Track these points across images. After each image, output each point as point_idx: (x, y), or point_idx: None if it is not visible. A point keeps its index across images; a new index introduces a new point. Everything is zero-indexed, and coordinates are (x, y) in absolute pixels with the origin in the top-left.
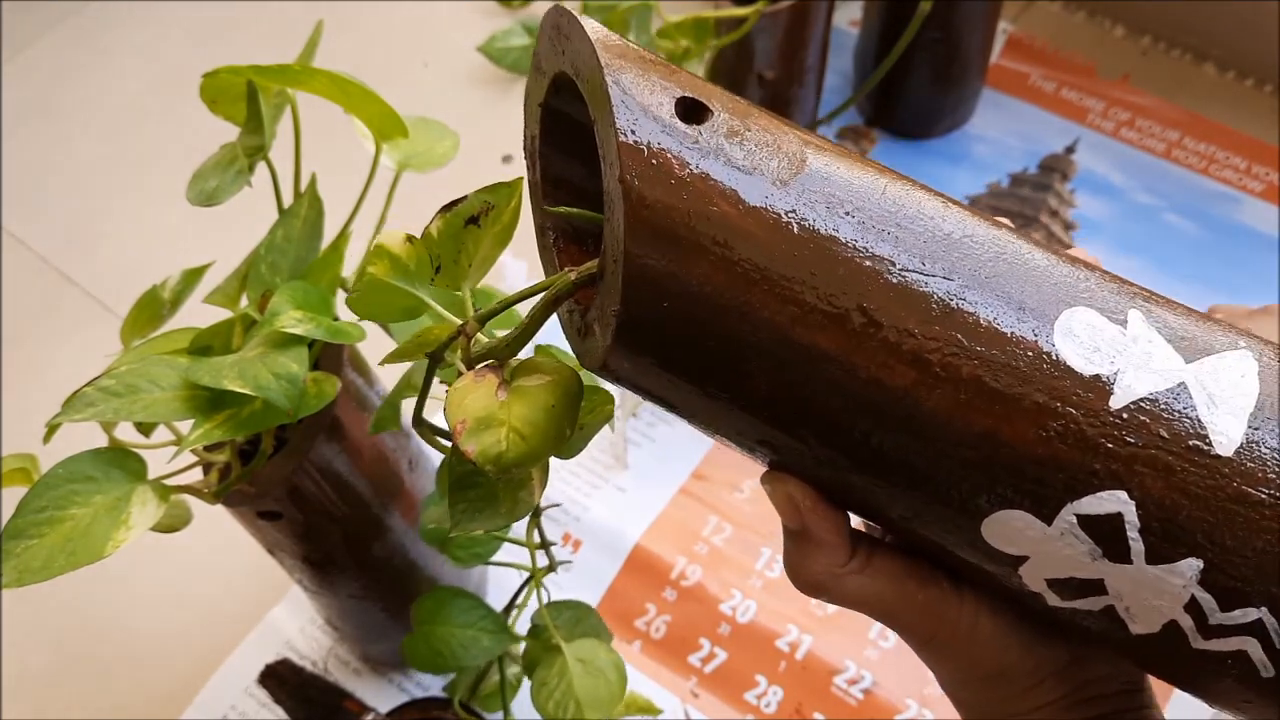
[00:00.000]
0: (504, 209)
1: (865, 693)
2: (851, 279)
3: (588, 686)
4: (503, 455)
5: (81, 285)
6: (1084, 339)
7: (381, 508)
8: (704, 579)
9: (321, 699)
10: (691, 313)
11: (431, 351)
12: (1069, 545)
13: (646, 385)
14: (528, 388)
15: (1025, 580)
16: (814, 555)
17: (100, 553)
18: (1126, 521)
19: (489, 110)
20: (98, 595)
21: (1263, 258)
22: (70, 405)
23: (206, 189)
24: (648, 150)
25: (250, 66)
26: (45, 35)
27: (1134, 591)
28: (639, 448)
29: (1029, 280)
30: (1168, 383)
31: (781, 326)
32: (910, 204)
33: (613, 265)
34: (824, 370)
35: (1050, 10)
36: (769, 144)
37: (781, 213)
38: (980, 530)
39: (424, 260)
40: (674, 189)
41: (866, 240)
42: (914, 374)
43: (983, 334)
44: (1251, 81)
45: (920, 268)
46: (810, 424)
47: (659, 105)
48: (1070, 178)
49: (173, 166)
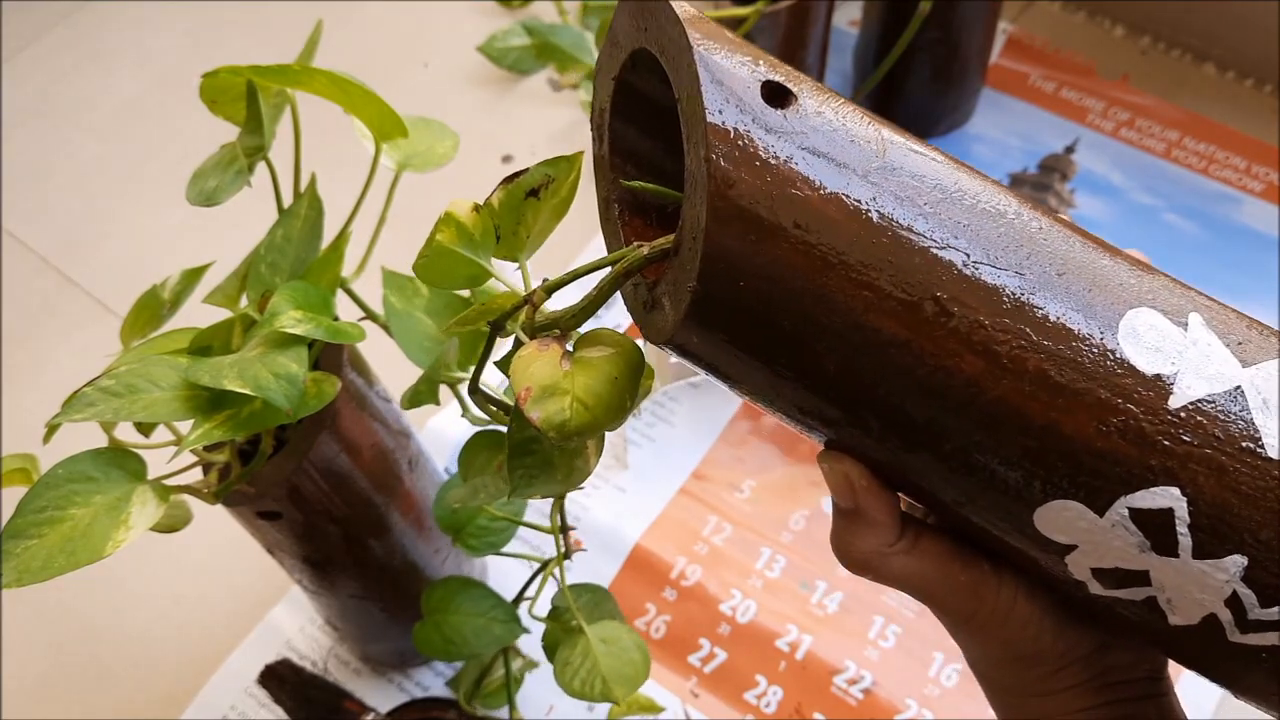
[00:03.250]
0: (563, 182)
1: (865, 692)
2: (926, 269)
3: (613, 664)
4: (566, 423)
5: (81, 285)
6: (1146, 339)
7: (381, 507)
8: (704, 579)
9: (321, 699)
10: (767, 293)
11: (494, 320)
12: (1119, 537)
13: (712, 359)
14: (591, 359)
15: (1071, 568)
16: (864, 534)
17: (100, 553)
18: (1177, 517)
19: (489, 110)
20: (98, 595)
21: (1262, 258)
22: (70, 405)
23: (206, 189)
24: (734, 132)
25: (250, 66)
26: (45, 35)
27: (1178, 584)
28: (639, 448)
29: (1095, 280)
30: (1225, 385)
31: (855, 311)
32: (985, 199)
33: (691, 242)
34: (894, 355)
35: (1050, 10)
36: (850, 132)
37: (861, 200)
38: (1032, 518)
39: (489, 230)
40: (758, 171)
41: (942, 232)
42: (982, 364)
43: (1050, 329)
44: (1251, 81)
45: (993, 261)
46: (875, 407)
47: (746, 88)
48: (1070, 178)
49: (172, 166)
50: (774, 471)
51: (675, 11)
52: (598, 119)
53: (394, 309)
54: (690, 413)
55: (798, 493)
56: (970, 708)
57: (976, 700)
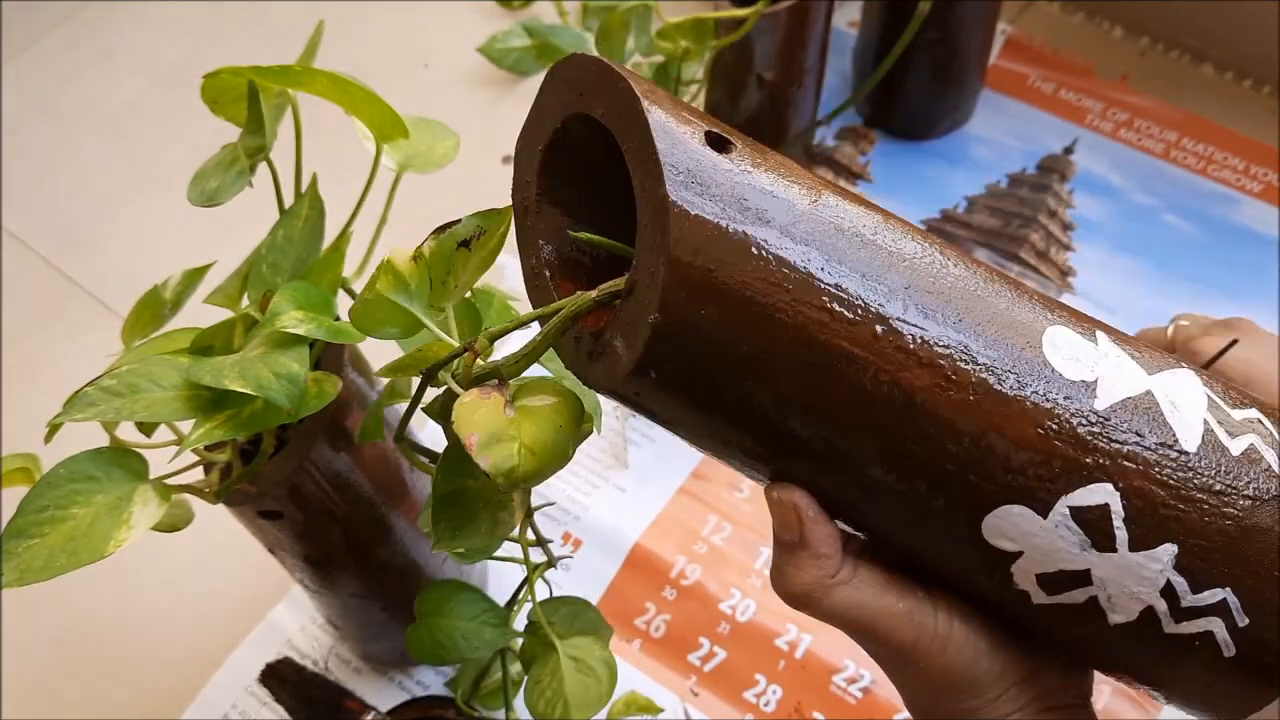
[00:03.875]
0: (493, 234)
1: (864, 691)
2: (873, 291)
3: (577, 686)
4: (515, 469)
5: (82, 285)
6: (1066, 350)
7: (382, 507)
8: (703, 578)
9: (322, 698)
10: (727, 318)
11: (427, 368)
12: (1061, 537)
13: (663, 399)
14: (535, 408)
15: (1016, 578)
16: (807, 566)
17: (101, 552)
18: (1113, 511)
19: (489, 111)
20: (99, 595)
21: (1261, 258)
22: (72, 405)
23: (208, 189)
24: (686, 171)
25: (251, 67)
26: (46, 36)
27: (1116, 579)
28: (639, 448)
29: (1016, 302)
30: (1138, 389)
31: (809, 331)
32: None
33: (649, 276)
34: (848, 372)
35: (1049, 11)
36: (788, 176)
37: (808, 230)
38: (981, 527)
39: (424, 279)
40: (711, 205)
41: (885, 258)
42: (929, 377)
43: (988, 343)
44: (1250, 82)
45: (932, 285)
46: (833, 425)
47: (691, 135)
48: (1069, 178)
49: (174, 167)
50: None
51: (618, 70)
52: (522, 192)
53: None
54: None
55: None
56: None
57: None
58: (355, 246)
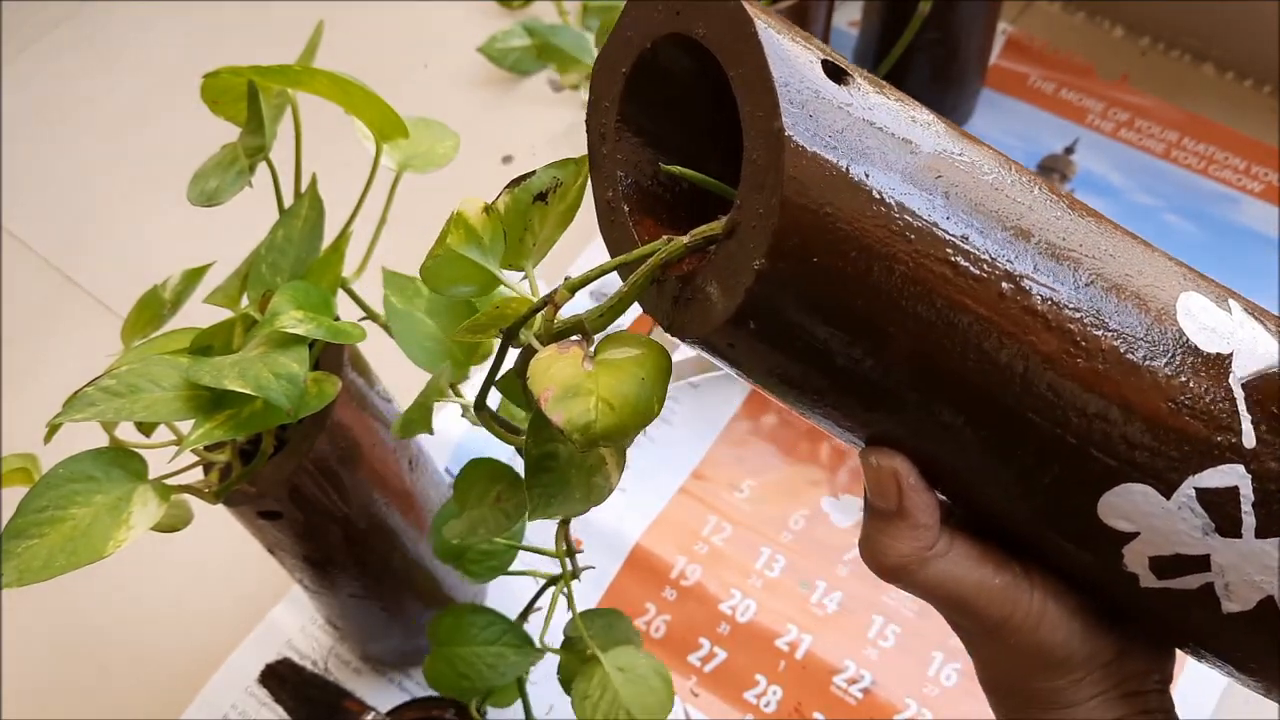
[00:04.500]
0: (570, 186)
1: (864, 692)
2: (1000, 246)
3: (634, 694)
4: (591, 425)
5: (82, 285)
6: (1201, 320)
7: (382, 507)
8: (704, 578)
9: (322, 698)
10: (841, 268)
11: (508, 326)
12: (1184, 520)
13: (756, 354)
14: (615, 360)
15: (1126, 560)
16: (904, 537)
17: (101, 552)
18: (1242, 495)
19: (489, 111)
20: (98, 595)
21: (1262, 258)
22: (71, 405)
23: (207, 189)
24: (804, 105)
25: (251, 67)
26: (46, 36)
27: (1238, 566)
28: (639, 448)
29: (1148, 263)
30: (1275, 362)
31: (931, 286)
32: (1038, 185)
33: (757, 218)
34: (970, 333)
35: (1049, 11)
36: (910, 113)
37: (934, 175)
38: (1096, 506)
39: (498, 234)
40: (830, 144)
41: (1014, 209)
42: (1056, 342)
43: (1120, 308)
44: (1250, 82)
45: (1062, 241)
46: (947, 390)
47: (808, 64)
48: (1069, 178)
49: (173, 167)
50: (774, 471)
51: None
52: (600, 118)
53: (395, 309)
54: (690, 413)
55: (797, 493)
56: (970, 707)
57: (976, 699)
58: (355, 246)
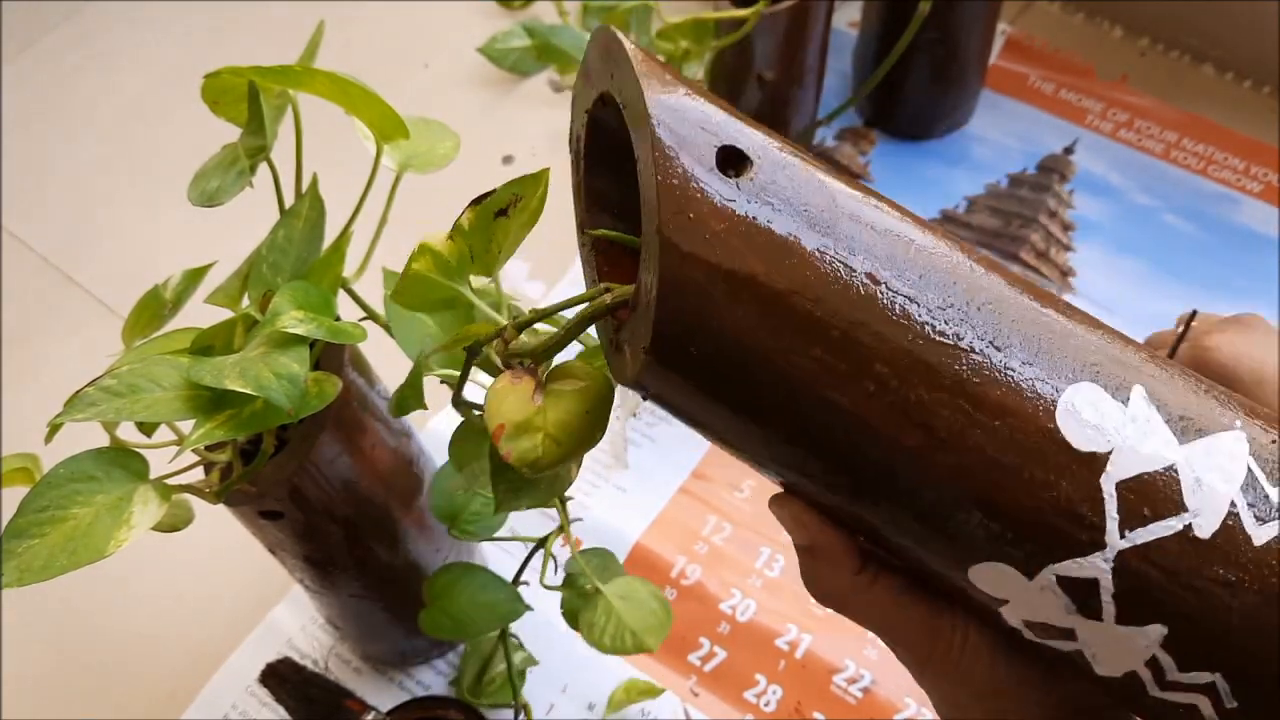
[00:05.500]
0: (531, 198)
1: (864, 691)
2: (873, 342)
3: (638, 616)
4: (538, 460)
5: (82, 285)
6: (1085, 415)
7: (383, 507)
8: (704, 578)
9: (322, 698)
10: (715, 360)
11: (469, 346)
12: (1047, 599)
13: (673, 407)
14: (563, 391)
15: (1005, 617)
16: (824, 570)
17: (102, 552)
18: (1101, 586)
19: (489, 111)
20: (99, 595)
21: (1261, 258)
22: (72, 405)
23: (208, 189)
24: (686, 204)
25: (251, 67)
26: (46, 36)
27: (1101, 643)
28: (639, 448)
29: (1042, 350)
30: (1159, 465)
31: (801, 383)
32: (938, 259)
33: (645, 305)
34: (838, 422)
35: (1049, 11)
36: (800, 200)
37: (809, 275)
38: (966, 573)
39: (464, 255)
40: (708, 244)
41: (890, 302)
42: (921, 437)
43: (990, 405)
44: (1250, 82)
45: (941, 334)
46: (823, 462)
47: (701, 155)
48: (1069, 179)
49: (174, 167)
50: None
51: (635, 67)
52: (575, 145)
53: (395, 309)
54: None
55: None
56: None
57: None
58: (355, 246)
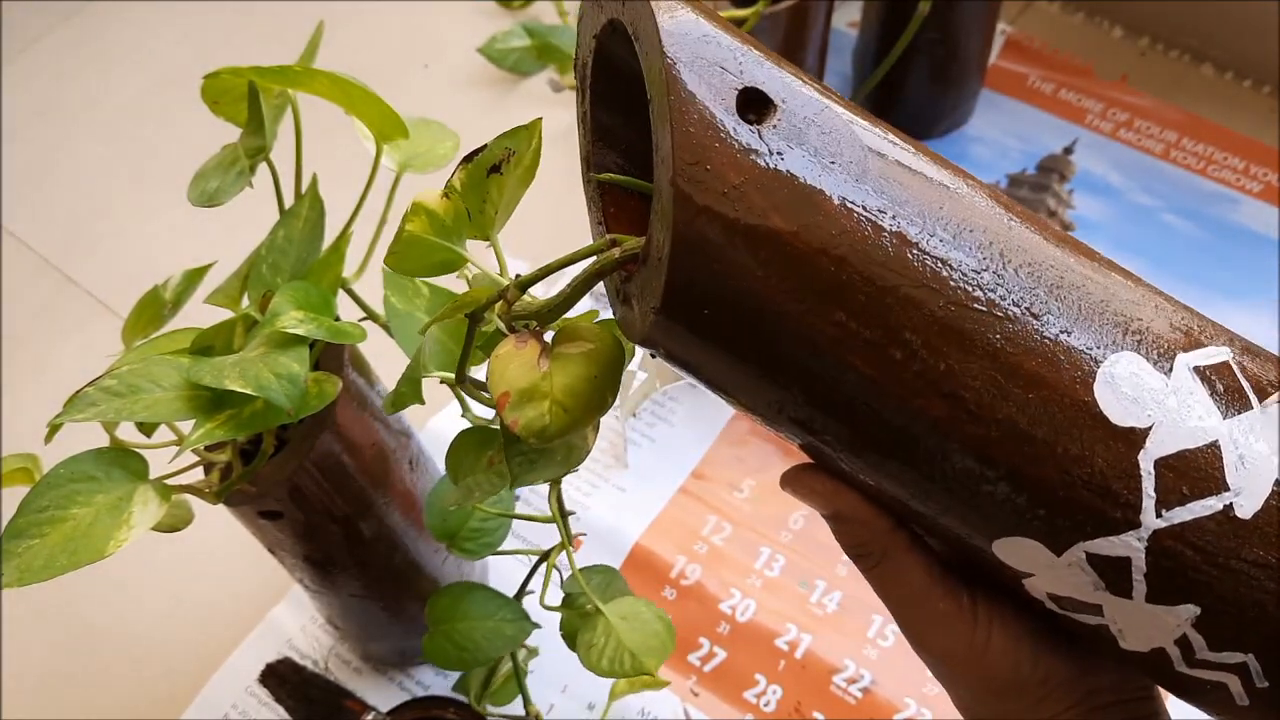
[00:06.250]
0: (524, 153)
1: (864, 691)
2: (898, 308)
3: (637, 638)
4: (546, 429)
5: (82, 285)
6: (1124, 388)
7: (383, 507)
8: (703, 578)
9: (322, 698)
10: (730, 320)
11: (471, 312)
12: (1074, 575)
13: (683, 364)
14: (570, 355)
15: (1028, 588)
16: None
17: (102, 552)
18: (1134, 565)
19: (489, 111)
20: (99, 595)
21: (1261, 258)
22: (72, 405)
23: (208, 189)
24: (704, 154)
25: (251, 68)
26: (46, 36)
27: (1129, 620)
28: (639, 448)
29: (1081, 316)
30: (1200, 440)
31: (822, 345)
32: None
33: (656, 262)
34: (860, 390)
35: (1049, 11)
36: (828, 150)
37: (833, 234)
38: (992, 546)
39: (460, 214)
40: (726, 199)
41: (921, 264)
42: (948, 407)
43: (1024, 377)
44: (1249, 82)
45: (975, 300)
46: (840, 428)
47: (721, 99)
48: (1068, 178)
49: (174, 167)
50: (774, 471)
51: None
52: (580, 72)
53: (395, 309)
54: (690, 412)
55: None
56: None
57: None
58: (355, 247)
